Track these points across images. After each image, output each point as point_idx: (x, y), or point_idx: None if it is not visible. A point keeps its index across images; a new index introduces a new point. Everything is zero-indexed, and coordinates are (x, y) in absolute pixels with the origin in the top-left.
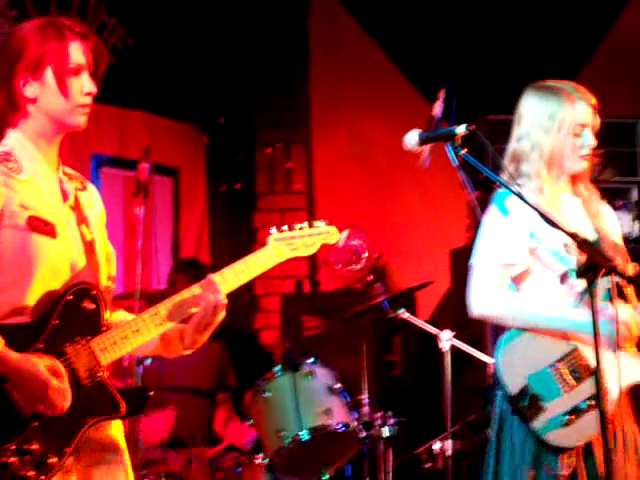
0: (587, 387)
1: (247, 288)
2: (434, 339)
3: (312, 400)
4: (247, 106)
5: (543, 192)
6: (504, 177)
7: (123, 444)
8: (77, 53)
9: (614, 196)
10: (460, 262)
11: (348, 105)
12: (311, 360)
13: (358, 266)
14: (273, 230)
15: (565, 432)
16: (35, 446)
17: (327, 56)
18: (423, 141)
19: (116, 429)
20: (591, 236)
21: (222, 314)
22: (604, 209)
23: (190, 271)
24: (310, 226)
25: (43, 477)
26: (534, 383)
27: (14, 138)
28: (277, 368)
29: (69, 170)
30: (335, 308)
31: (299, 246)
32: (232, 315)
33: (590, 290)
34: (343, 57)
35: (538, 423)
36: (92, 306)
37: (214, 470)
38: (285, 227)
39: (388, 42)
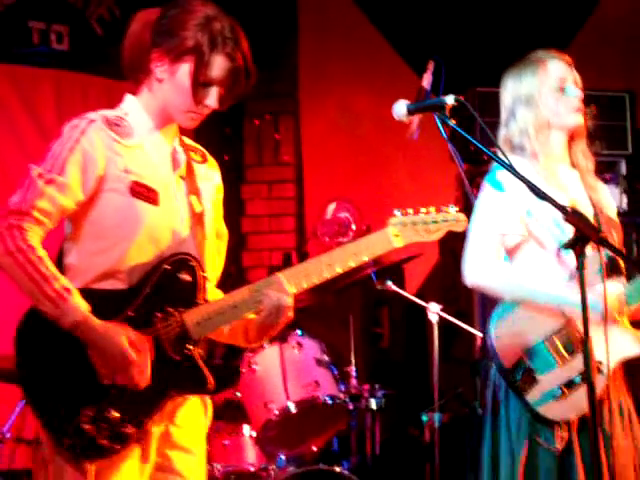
0: (581, 360)
1: (234, 260)
2: (422, 312)
3: (299, 372)
4: None
5: (538, 159)
6: (494, 150)
7: (203, 436)
8: (218, 68)
9: (603, 169)
10: (448, 234)
11: (337, 77)
12: (298, 332)
13: (346, 238)
14: (397, 212)
15: (559, 405)
16: (113, 414)
17: (316, 28)
18: (411, 111)
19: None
20: (588, 209)
21: (287, 316)
22: (600, 184)
23: None
24: (438, 211)
25: (118, 446)
26: (528, 356)
27: (131, 104)
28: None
29: (190, 142)
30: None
31: (421, 231)
32: (219, 287)
33: (579, 261)
34: (332, 29)
35: (532, 396)
36: (189, 278)
37: None
38: (410, 210)
39: (377, 14)
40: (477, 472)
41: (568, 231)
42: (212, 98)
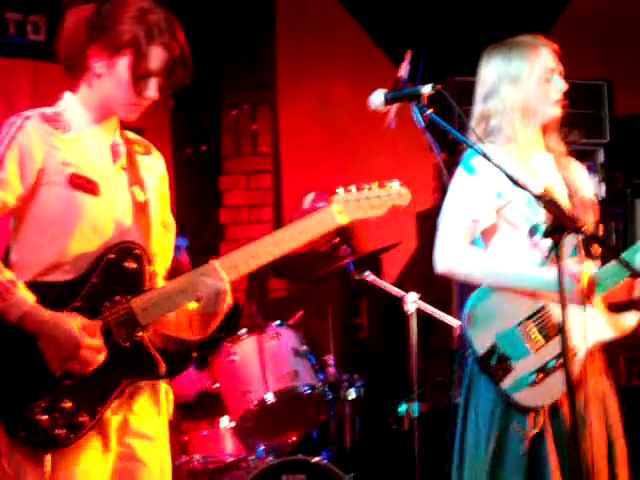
0: (555, 346)
1: (212, 250)
2: (400, 302)
3: (278, 362)
4: (212, 68)
5: (517, 140)
6: (471, 138)
7: (165, 422)
8: (156, 59)
9: (580, 158)
10: (426, 224)
11: (314, 67)
12: (277, 322)
13: None
14: (340, 190)
15: (533, 391)
16: (67, 404)
17: (293, 18)
18: (388, 101)
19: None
20: (562, 191)
21: (227, 302)
22: (575, 165)
23: None
24: (381, 186)
25: (73, 435)
26: (502, 342)
27: (69, 101)
28: (243, 330)
29: (132, 135)
30: (301, 270)
31: (365, 207)
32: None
33: (556, 250)
34: (309, 19)
35: (506, 383)
36: (134, 265)
37: (179, 434)
38: (353, 187)
39: (354, 4)
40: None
41: (540, 212)
42: (152, 89)
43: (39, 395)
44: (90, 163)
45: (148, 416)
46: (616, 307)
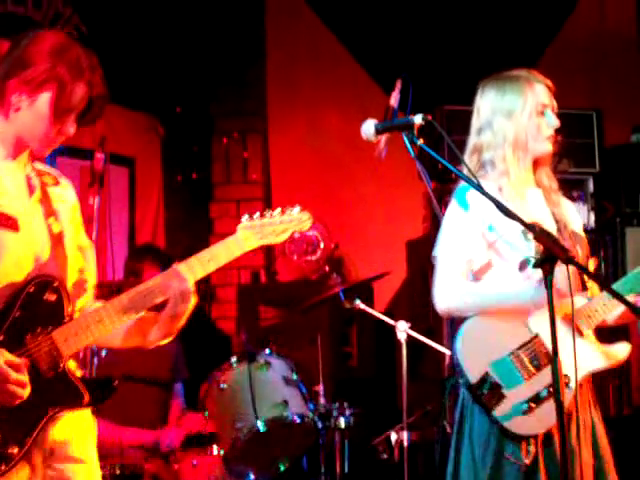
0: (547, 375)
1: (203, 279)
2: (391, 330)
3: (268, 391)
4: (203, 96)
5: (509, 175)
6: (462, 169)
7: (93, 444)
8: (77, 95)
9: (571, 187)
10: (416, 253)
11: (305, 95)
12: (267, 351)
13: (314, 257)
14: (244, 218)
15: (526, 420)
16: None
17: (283, 46)
18: (379, 131)
19: (85, 429)
20: (551, 226)
21: (192, 301)
22: (564, 201)
23: (153, 256)
24: (282, 213)
25: (3, 467)
26: (495, 370)
27: None
28: (233, 359)
29: (41, 167)
30: (291, 299)
31: (269, 234)
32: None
33: (547, 281)
34: (300, 47)
35: (499, 411)
36: (54, 297)
37: (170, 462)
38: (257, 215)
39: (345, 32)
40: None
41: (532, 244)
42: (71, 125)
43: None
44: (8, 198)
45: (75, 440)
46: (605, 335)
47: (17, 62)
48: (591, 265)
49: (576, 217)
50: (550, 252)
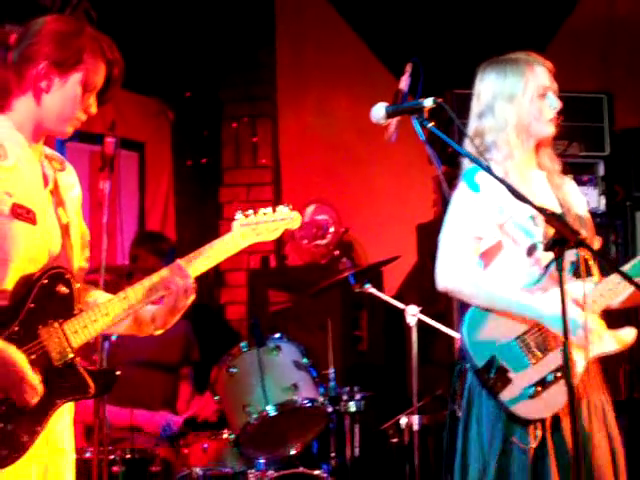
0: (554, 359)
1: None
2: (401, 314)
3: (278, 375)
4: (213, 80)
5: (513, 157)
6: (471, 151)
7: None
8: (102, 74)
9: (581, 171)
10: (426, 237)
11: (314, 80)
12: (277, 335)
13: (324, 241)
14: (238, 215)
15: (532, 404)
16: (8, 427)
17: (293, 30)
18: (390, 114)
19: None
20: (556, 209)
21: (192, 297)
22: (567, 182)
23: (151, 244)
24: (274, 211)
25: (16, 455)
26: (501, 355)
27: (2, 124)
28: (243, 344)
29: (48, 151)
30: (301, 283)
31: (263, 231)
32: (198, 290)
33: (558, 264)
34: (309, 31)
35: (505, 395)
36: (66, 290)
37: (180, 446)
38: (250, 212)
39: (354, 16)
40: (451, 474)
41: (541, 226)
42: (94, 104)
43: None
44: (27, 191)
45: (67, 431)
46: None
47: (45, 40)
48: (596, 244)
49: (580, 198)
50: (561, 234)
